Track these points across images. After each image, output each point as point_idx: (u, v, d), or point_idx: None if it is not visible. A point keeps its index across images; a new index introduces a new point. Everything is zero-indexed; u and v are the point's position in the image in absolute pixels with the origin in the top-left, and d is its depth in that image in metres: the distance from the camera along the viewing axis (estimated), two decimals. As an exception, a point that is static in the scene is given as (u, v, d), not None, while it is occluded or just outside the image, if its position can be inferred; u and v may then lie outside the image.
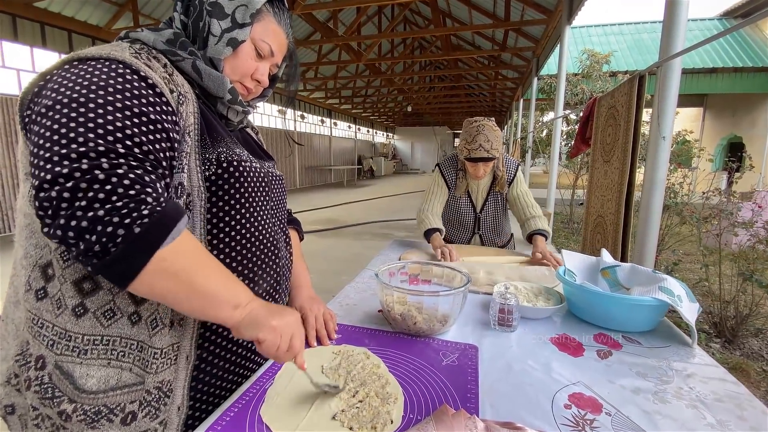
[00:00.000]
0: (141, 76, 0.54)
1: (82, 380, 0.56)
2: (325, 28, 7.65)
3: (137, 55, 0.57)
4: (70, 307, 0.56)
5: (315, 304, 0.87)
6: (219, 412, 0.60)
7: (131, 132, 0.49)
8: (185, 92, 0.61)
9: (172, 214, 0.48)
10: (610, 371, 0.74)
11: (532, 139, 7.89)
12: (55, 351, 0.56)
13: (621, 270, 1.06)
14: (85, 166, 0.45)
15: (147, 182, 0.48)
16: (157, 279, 0.48)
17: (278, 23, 0.71)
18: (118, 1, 6.41)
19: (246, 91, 0.73)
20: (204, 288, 0.52)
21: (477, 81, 12.54)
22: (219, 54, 0.65)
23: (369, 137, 22.49)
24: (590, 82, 6.64)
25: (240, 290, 0.58)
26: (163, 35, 0.63)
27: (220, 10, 0.65)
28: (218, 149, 0.65)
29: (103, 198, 0.44)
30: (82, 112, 0.47)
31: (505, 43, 8.06)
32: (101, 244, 0.44)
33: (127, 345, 0.57)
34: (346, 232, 6.17)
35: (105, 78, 0.51)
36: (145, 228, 0.45)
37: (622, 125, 2.30)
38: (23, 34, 5.71)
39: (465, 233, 1.85)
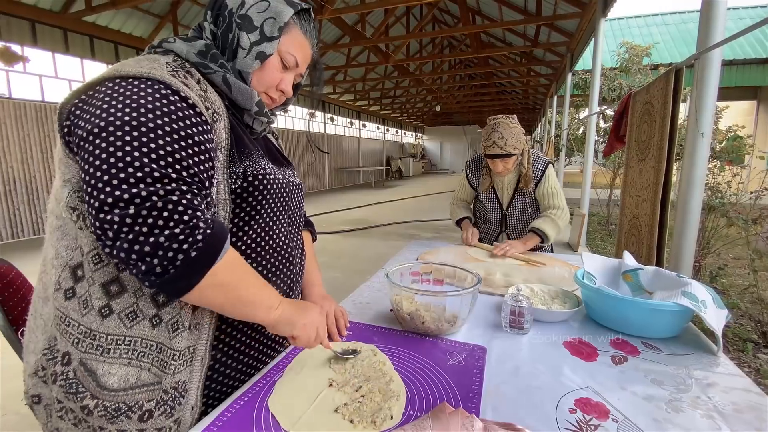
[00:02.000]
0: (182, 97, 0.57)
1: (104, 378, 0.59)
2: (353, 31, 7.75)
3: (174, 73, 0.59)
4: (97, 308, 0.59)
5: (326, 302, 0.89)
6: (230, 401, 0.64)
7: (180, 156, 0.53)
8: (218, 108, 0.64)
9: (219, 236, 0.54)
10: (623, 377, 0.72)
11: (566, 137, 7.62)
12: (80, 348, 0.59)
13: (644, 273, 1.02)
14: (144, 193, 0.49)
15: (197, 206, 0.53)
16: (208, 292, 0.55)
17: (304, 35, 0.73)
18: (159, 14, 6.80)
19: (270, 101, 0.75)
20: (246, 297, 0.60)
21: (508, 78, 12.26)
22: (248, 67, 0.67)
23: (397, 138, 22.50)
24: (629, 76, 6.33)
25: (272, 294, 0.65)
26: (194, 46, 0.65)
27: (249, 23, 0.67)
28: (245, 163, 0.67)
29: (163, 225, 0.49)
30: (135, 136, 0.51)
31: (537, 38, 7.82)
32: (162, 267, 0.49)
33: (147, 346, 0.60)
34: (373, 233, 6.22)
35: (151, 100, 0.54)
36: (200, 252, 0.51)
37: (658, 121, 2.19)
38: (74, 47, 6.17)
39: (492, 230, 1.86)
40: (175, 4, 6.65)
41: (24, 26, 5.54)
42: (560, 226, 1.63)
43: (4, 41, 5.33)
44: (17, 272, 0.99)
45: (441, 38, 11.40)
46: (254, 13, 0.67)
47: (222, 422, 0.59)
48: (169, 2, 6.63)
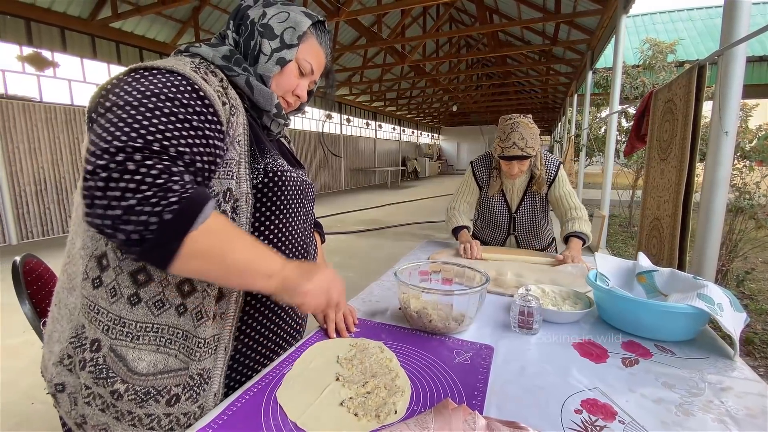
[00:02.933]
0: (194, 88, 0.59)
1: (134, 363, 0.61)
2: (369, 33, 7.79)
3: (196, 69, 0.62)
4: (126, 296, 0.61)
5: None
6: (240, 391, 0.66)
7: (171, 135, 0.53)
8: (237, 104, 0.66)
9: (198, 199, 0.52)
10: (633, 380, 0.71)
11: (587, 137, 7.45)
12: (110, 335, 0.61)
13: (659, 275, 1.00)
14: (120, 157, 0.48)
15: (174, 173, 0.51)
16: (193, 260, 0.52)
17: (320, 44, 0.78)
18: (181, 19, 7.00)
19: (287, 105, 0.79)
20: (236, 263, 0.56)
21: (527, 77, 12.08)
22: (269, 72, 0.72)
23: (413, 138, 22.45)
24: (653, 73, 6.14)
25: (271, 260, 0.62)
26: (220, 51, 0.70)
27: (270, 31, 0.72)
28: (266, 159, 0.70)
29: (134, 188, 0.48)
30: (131, 113, 0.52)
31: (556, 36, 7.69)
32: (138, 233, 0.48)
33: (173, 333, 0.63)
34: (387, 233, 6.23)
35: (161, 87, 0.56)
36: (175, 214, 0.49)
37: (680, 120, 2.12)
38: (101, 52, 6.42)
39: (499, 234, 1.80)
40: (197, 9, 6.83)
41: (54, 33, 5.79)
42: (588, 222, 1.60)
43: (35, 47, 5.58)
44: (45, 267, 1.04)
45: (458, 38, 11.33)
46: (275, 23, 0.72)
47: (232, 411, 0.61)
48: (191, 8, 6.81)
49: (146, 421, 0.61)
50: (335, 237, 5.81)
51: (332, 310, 0.75)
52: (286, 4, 0.76)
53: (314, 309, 0.68)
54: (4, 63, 5.33)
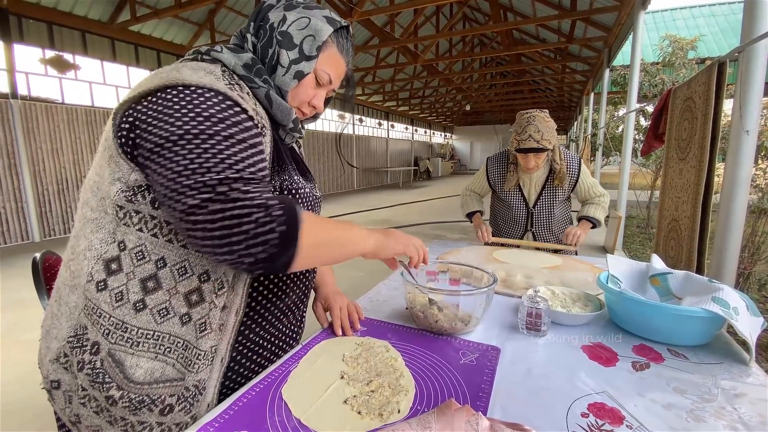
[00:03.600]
0: (243, 109, 0.61)
1: (132, 370, 0.60)
2: (382, 33, 7.79)
3: (231, 87, 0.62)
4: (132, 302, 0.61)
5: (339, 296, 0.92)
6: (247, 387, 0.67)
7: (250, 162, 0.58)
8: (265, 123, 0.67)
9: (291, 206, 0.57)
10: (642, 384, 0.69)
11: (603, 136, 7.31)
12: (109, 340, 0.61)
13: (673, 278, 0.97)
14: (222, 188, 0.52)
15: (265, 191, 0.57)
16: (308, 252, 0.58)
17: (340, 53, 0.74)
18: (197, 22, 7.13)
19: (301, 114, 0.77)
20: (338, 240, 0.65)
21: (542, 75, 11.91)
22: (286, 86, 0.70)
23: (426, 138, 22.37)
24: (673, 71, 5.98)
25: (359, 229, 0.69)
26: (241, 59, 0.67)
27: (289, 40, 0.69)
28: (282, 177, 0.71)
29: (245, 213, 0.52)
30: (212, 144, 0.55)
31: (572, 34, 7.56)
32: (265, 251, 0.53)
33: (174, 342, 0.62)
34: (400, 233, 6.22)
35: (219, 110, 0.57)
36: (285, 224, 0.54)
37: (700, 118, 2.07)
38: (121, 55, 6.59)
39: (516, 229, 1.80)
40: (213, 12, 6.96)
41: (75, 36, 5.97)
42: (606, 210, 1.70)
43: (57, 50, 5.77)
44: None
45: (471, 37, 11.24)
46: (294, 30, 0.69)
47: (238, 407, 0.63)
48: (207, 10, 6.94)
49: (138, 428, 0.62)
50: (347, 236, 5.82)
51: (416, 251, 0.79)
52: (308, 7, 0.72)
53: (405, 248, 0.76)
54: (28, 66, 5.52)
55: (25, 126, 5.28)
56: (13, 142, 5.17)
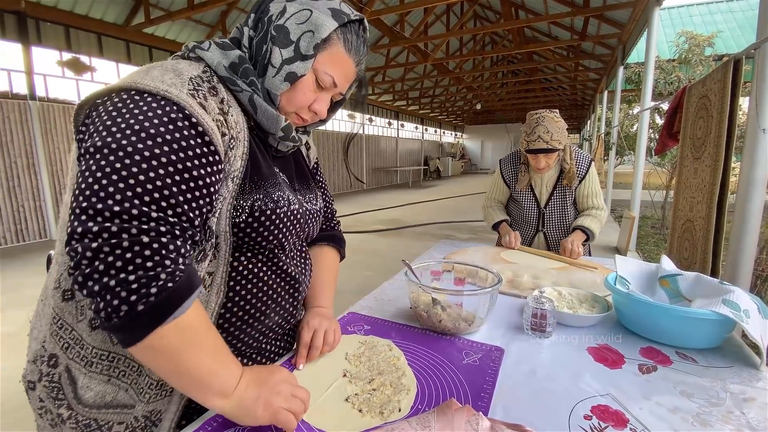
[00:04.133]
0: (192, 123, 0.52)
1: (82, 391, 0.57)
2: (392, 32, 7.78)
3: (195, 93, 0.54)
4: (88, 318, 0.57)
5: (323, 320, 0.80)
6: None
7: (169, 192, 0.49)
8: (237, 134, 0.59)
9: (180, 291, 0.47)
10: (648, 387, 0.68)
11: (616, 134, 7.18)
12: (68, 354, 0.57)
13: (683, 279, 0.95)
14: (114, 228, 0.45)
15: (168, 252, 0.47)
16: (151, 352, 0.48)
17: (347, 51, 0.64)
18: (210, 23, 7.23)
19: (301, 120, 0.68)
20: (192, 371, 0.50)
21: (555, 74, 11.75)
22: (275, 89, 0.62)
23: (436, 137, 22.29)
24: (689, 68, 5.85)
25: (230, 375, 0.54)
26: (228, 57, 0.60)
27: (284, 36, 0.60)
28: (254, 196, 0.62)
29: (120, 266, 0.44)
30: (126, 164, 0.47)
31: (585, 31, 7.44)
32: (106, 313, 0.44)
33: (129, 366, 0.58)
34: (407, 233, 6.23)
35: (157, 124, 0.50)
36: (149, 307, 0.45)
37: (715, 117, 2.02)
38: (135, 57, 6.72)
39: (528, 230, 1.80)
40: (224, 13, 7.04)
41: (92, 39, 6.11)
42: (602, 225, 1.63)
43: (74, 53, 5.90)
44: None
45: (482, 35, 11.16)
46: (292, 24, 0.60)
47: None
48: (219, 12, 7.02)
49: None
50: (355, 236, 5.85)
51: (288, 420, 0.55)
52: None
53: (274, 416, 0.54)
54: (45, 68, 5.67)
55: (43, 126, 5.42)
56: (32, 142, 5.32)
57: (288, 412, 0.54)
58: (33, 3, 5.26)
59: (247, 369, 0.57)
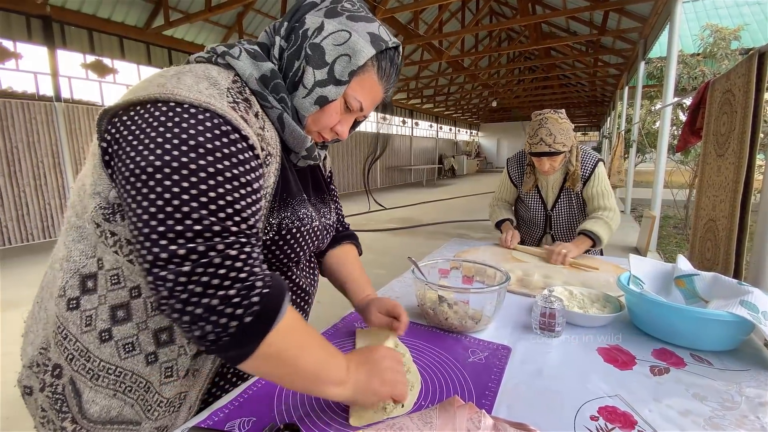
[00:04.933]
0: (242, 136, 0.52)
1: (87, 405, 0.56)
2: (406, 30, 7.76)
3: (235, 105, 0.53)
4: (99, 330, 0.55)
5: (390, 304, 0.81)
6: (255, 378, 0.69)
7: (240, 206, 0.49)
8: (273, 150, 0.59)
9: (277, 295, 0.48)
10: (659, 389, 0.66)
11: (637, 132, 6.99)
12: (72, 366, 0.56)
13: (700, 280, 0.93)
14: (201, 248, 0.44)
15: (254, 261, 0.48)
16: (265, 361, 0.48)
17: (379, 78, 0.62)
18: (227, 24, 7.35)
19: (321, 139, 0.68)
20: (308, 368, 0.51)
21: (573, 69, 11.52)
22: (304, 110, 0.60)
23: (451, 136, 22.12)
24: (714, 62, 5.65)
25: (340, 363, 0.55)
26: (259, 69, 0.58)
27: (320, 56, 0.58)
28: (282, 214, 0.63)
29: (218, 284, 0.44)
30: (194, 183, 0.46)
31: (604, 25, 7.26)
32: (215, 334, 0.44)
33: (136, 381, 0.57)
34: (420, 231, 6.21)
35: (210, 138, 0.48)
36: (255, 316, 0.46)
37: (739, 112, 1.95)
38: (155, 59, 6.89)
39: (535, 232, 1.76)
40: (241, 14, 7.15)
41: (114, 42, 6.29)
42: (612, 229, 1.50)
43: (97, 55, 6.09)
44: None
45: (498, 31, 11.01)
46: (329, 45, 0.58)
47: (248, 395, 0.65)
48: (236, 13, 7.13)
49: None
50: (368, 234, 5.87)
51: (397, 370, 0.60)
52: (354, 18, 0.59)
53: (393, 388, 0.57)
54: (70, 70, 5.87)
55: (68, 127, 5.61)
56: (57, 142, 5.51)
57: (400, 383, 0.58)
58: (58, 7, 5.45)
59: (348, 354, 0.59)
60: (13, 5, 5.03)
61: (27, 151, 5.19)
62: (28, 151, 5.22)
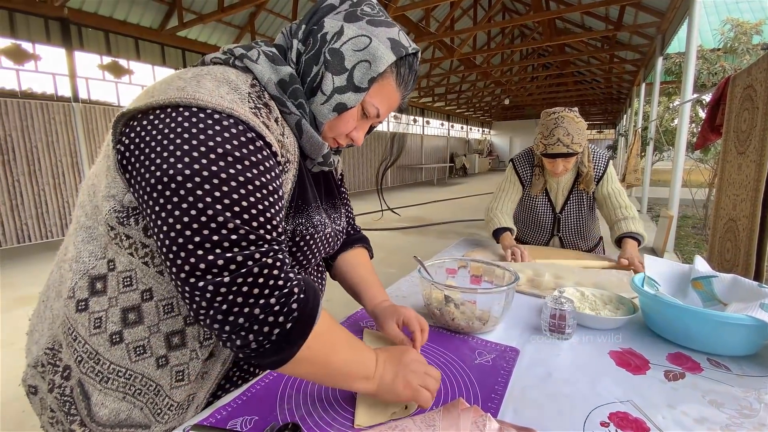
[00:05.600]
0: (266, 143, 0.52)
1: (96, 408, 0.55)
2: (417, 28, 7.72)
3: (257, 111, 0.52)
4: (109, 332, 0.55)
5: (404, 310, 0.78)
6: (260, 377, 0.69)
7: (270, 214, 0.49)
8: (291, 156, 0.58)
9: (313, 299, 0.49)
10: (674, 395, 0.64)
11: (654, 129, 6.82)
12: (81, 368, 0.55)
13: (719, 281, 0.89)
14: (240, 258, 0.44)
15: (288, 267, 0.48)
16: (302, 364, 0.50)
17: (398, 85, 0.61)
18: (239, 25, 7.42)
19: (336, 144, 0.67)
20: (339, 367, 0.54)
21: (588, 66, 11.30)
22: (322, 117, 0.59)
23: (463, 134, 21.94)
24: (735, 57, 5.48)
25: (367, 360, 0.57)
26: (278, 73, 0.57)
27: (339, 61, 0.56)
28: (297, 220, 0.63)
29: (258, 293, 0.44)
30: (225, 192, 0.45)
31: (620, 20, 7.10)
32: (258, 342, 0.45)
33: (146, 385, 0.57)
34: (431, 231, 6.18)
35: (237, 146, 0.48)
36: (295, 322, 0.47)
37: (761, 108, 1.88)
38: (170, 59, 6.99)
39: (542, 235, 1.70)
40: (253, 15, 7.21)
41: (129, 43, 6.41)
42: (641, 221, 1.47)
43: (114, 57, 6.22)
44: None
45: (511, 28, 10.87)
46: (348, 50, 0.56)
47: (251, 393, 0.64)
48: (248, 14, 7.20)
49: None
50: (378, 233, 5.86)
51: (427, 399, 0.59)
52: (374, 23, 0.58)
53: (415, 394, 0.57)
54: (88, 71, 6.00)
55: (85, 127, 5.74)
56: (75, 142, 5.64)
57: (425, 390, 0.57)
58: (75, 10, 5.58)
59: (378, 350, 0.60)
60: (32, 8, 5.16)
61: (46, 150, 5.33)
62: (47, 150, 5.35)
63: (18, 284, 3.73)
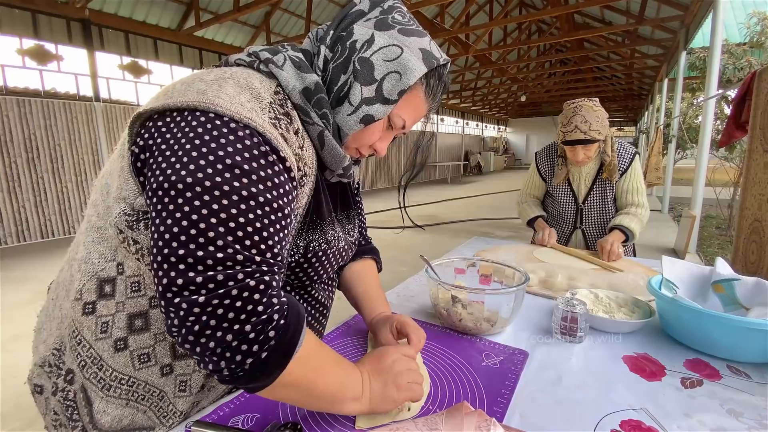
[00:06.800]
0: (281, 158, 0.49)
1: (99, 415, 0.54)
2: (432, 25, 7.64)
3: (276, 122, 0.50)
4: (114, 338, 0.54)
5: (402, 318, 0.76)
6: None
7: (267, 233, 0.46)
8: (308, 170, 0.56)
9: (294, 326, 0.46)
10: (691, 403, 0.61)
11: (677, 126, 6.60)
12: (84, 373, 0.54)
13: (741, 285, 0.85)
14: (220, 277, 0.41)
15: (272, 291, 0.45)
16: (282, 389, 0.47)
17: (426, 96, 0.59)
18: (254, 24, 7.50)
19: (357, 154, 0.65)
20: (323, 392, 0.50)
21: (608, 62, 11.01)
22: (348, 128, 0.57)
23: (478, 132, 21.70)
24: (762, 52, 5.25)
25: (354, 380, 0.54)
26: (303, 81, 0.54)
27: (368, 71, 0.54)
28: (311, 236, 0.61)
29: (233, 318, 0.41)
30: (224, 206, 0.43)
31: (642, 14, 6.89)
32: (229, 369, 0.43)
33: (149, 391, 0.56)
34: (445, 229, 6.13)
35: (248, 158, 0.46)
36: (271, 351, 0.43)
37: (791, 103, 1.79)
38: (187, 59, 7.12)
39: (565, 227, 1.69)
40: (268, 14, 7.27)
41: (148, 43, 6.55)
42: (643, 226, 1.49)
43: (133, 57, 6.36)
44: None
45: (528, 23, 10.67)
46: (379, 60, 0.54)
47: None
48: (263, 13, 7.26)
49: None
50: (390, 231, 5.85)
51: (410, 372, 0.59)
52: (406, 32, 0.56)
53: (410, 392, 0.57)
54: (108, 71, 6.16)
55: (106, 126, 5.90)
56: (97, 140, 5.81)
57: (415, 384, 0.57)
58: (96, 11, 5.72)
59: (360, 364, 0.58)
60: (55, 9, 5.32)
61: (69, 148, 5.50)
62: (70, 148, 5.53)
63: (42, 278, 3.86)
